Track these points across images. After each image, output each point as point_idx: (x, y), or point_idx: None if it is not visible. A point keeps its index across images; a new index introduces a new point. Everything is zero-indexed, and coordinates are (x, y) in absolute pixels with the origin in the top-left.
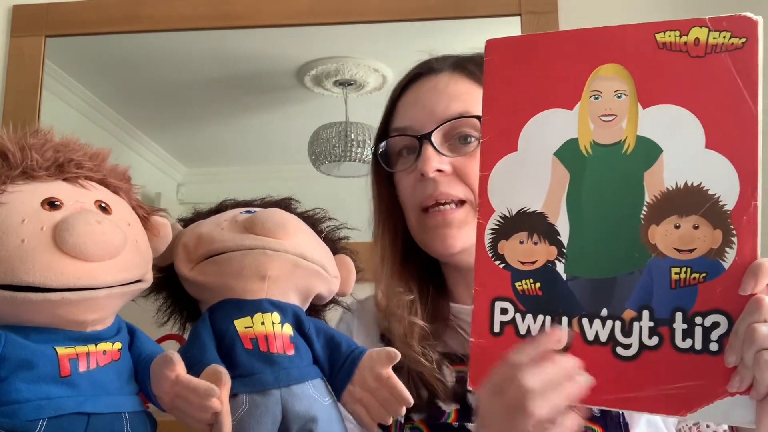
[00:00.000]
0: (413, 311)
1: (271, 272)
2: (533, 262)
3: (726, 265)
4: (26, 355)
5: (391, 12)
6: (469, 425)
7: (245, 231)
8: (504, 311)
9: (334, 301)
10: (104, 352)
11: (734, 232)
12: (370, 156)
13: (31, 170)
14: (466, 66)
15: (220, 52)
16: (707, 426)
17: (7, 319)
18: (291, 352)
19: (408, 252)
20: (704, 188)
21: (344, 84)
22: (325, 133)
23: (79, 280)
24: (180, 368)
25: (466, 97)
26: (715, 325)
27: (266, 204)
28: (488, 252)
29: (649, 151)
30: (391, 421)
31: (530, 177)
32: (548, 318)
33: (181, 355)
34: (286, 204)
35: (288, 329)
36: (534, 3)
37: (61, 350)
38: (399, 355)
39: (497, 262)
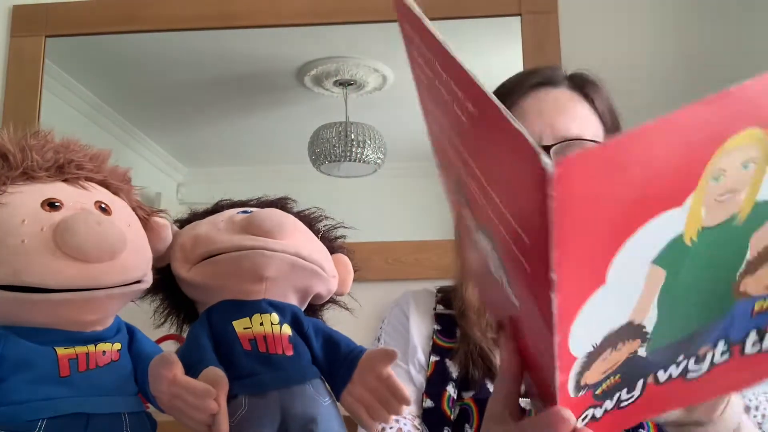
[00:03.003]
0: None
1: (270, 272)
2: (614, 365)
3: None
4: (26, 355)
5: (391, 12)
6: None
7: (243, 231)
8: (584, 417)
9: (332, 300)
10: (104, 352)
11: None
12: (371, 156)
13: (31, 171)
14: (584, 88)
15: (220, 52)
16: (749, 400)
17: (7, 320)
18: (290, 353)
19: None
20: None
21: (344, 84)
22: (325, 133)
23: (79, 280)
24: (177, 368)
25: (583, 121)
26: None
27: (262, 204)
28: (570, 395)
29: (763, 214)
30: (391, 420)
31: (618, 301)
32: (624, 390)
33: (179, 357)
34: (282, 203)
35: (287, 329)
36: (534, 3)
37: (61, 351)
38: (397, 354)
39: (580, 393)
